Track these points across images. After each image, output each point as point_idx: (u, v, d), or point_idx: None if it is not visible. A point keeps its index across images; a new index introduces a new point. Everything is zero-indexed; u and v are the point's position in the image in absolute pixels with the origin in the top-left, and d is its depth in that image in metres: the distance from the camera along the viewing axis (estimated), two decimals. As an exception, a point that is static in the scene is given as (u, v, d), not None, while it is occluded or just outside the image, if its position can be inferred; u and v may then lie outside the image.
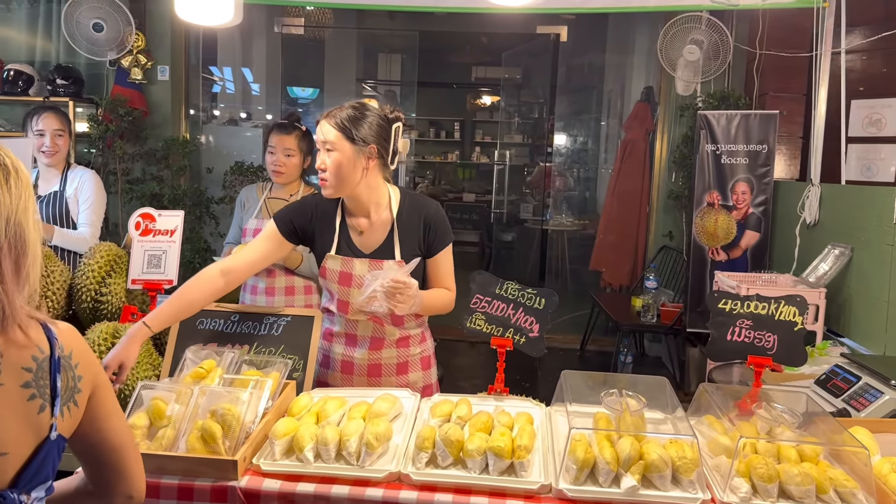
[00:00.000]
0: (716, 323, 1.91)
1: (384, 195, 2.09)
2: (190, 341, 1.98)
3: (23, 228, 1.05)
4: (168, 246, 2.19)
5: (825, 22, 3.64)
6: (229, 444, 1.59)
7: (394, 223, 2.07)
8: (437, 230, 2.07)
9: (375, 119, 1.99)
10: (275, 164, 3.00)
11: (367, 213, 2.08)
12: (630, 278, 5.71)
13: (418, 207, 2.10)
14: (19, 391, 1.04)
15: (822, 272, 3.27)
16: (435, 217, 2.08)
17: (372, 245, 2.07)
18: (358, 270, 2.03)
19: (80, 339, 1.16)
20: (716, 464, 1.64)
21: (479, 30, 7.76)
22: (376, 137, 1.99)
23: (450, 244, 2.11)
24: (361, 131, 1.96)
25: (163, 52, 5.23)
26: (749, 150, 4.30)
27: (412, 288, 1.84)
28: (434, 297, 2.06)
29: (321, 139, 1.97)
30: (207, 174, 5.73)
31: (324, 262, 2.07)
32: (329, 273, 2.06)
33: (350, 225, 2.09)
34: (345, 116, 1.96)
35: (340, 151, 1.95)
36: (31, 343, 1.06)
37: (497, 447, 1.57)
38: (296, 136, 2.98)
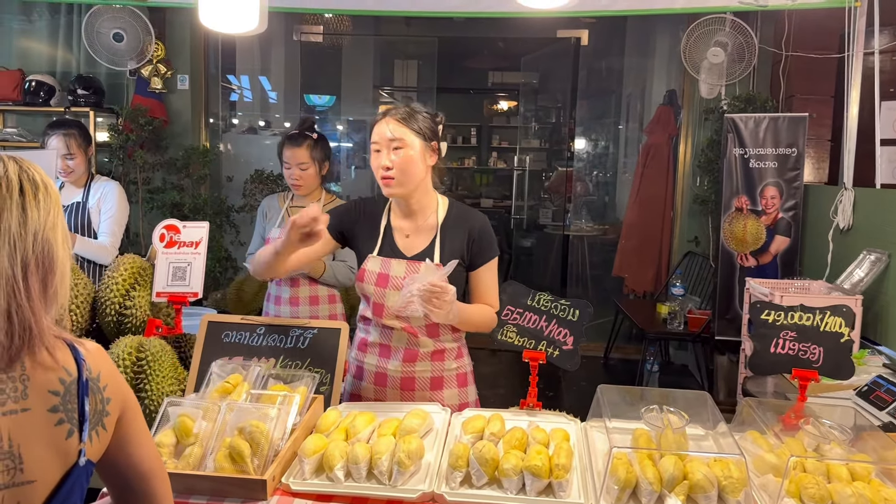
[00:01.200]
0: (758, 335, 1.84)
1: (433, 200, 2.09)
2: (215, 355, 1.94)
3: (51, 245, 1.02)
4: (193, 258, 2.16)
5: (856, 22, 3.56)
6: (258, 463, 1.54)
7: (438, 229, 2.04)
8: (481, 243, 2.04)
9: (429, 117, 2.03)
10: (291, 179, 2.98)
11: (414, 217, 2.07)
12: (654, 284, 5.63)
13: (465, 218, 2.07)
14: (46, 416, 1.00)
15: (858, 279, 3.18)
16: (481, 230, 2.06)
17: (414, 249, 2.05)
18: (395, 271, 2.01)
19: (108, 360, 1.12)
20: (762, 483, 1.57)
21: (497, 35, 7.72)
22: (434, 134, 2.02)
23: (494, 259, 2.07)
24: (424, 126, 1.99)
25: (182, 62, 5.24)
26: (778, 153, 4.22)
27: (449, 293, 1.79)
28: (474, 312, 2.01)
29: (387, 137, 1.95)
30: (227, 183, 5.72)
31: (364, 265, 2.05)
32: (367, 275, 2.03)
33: (395, 227, 2.08)
34: (408, 112, 1.98)
35: (410, 146, 1.96)
36: (57, 365, 1.02)
37: (534, 466, 1.51)
38: (307, 146, 2.93)
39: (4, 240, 0.97)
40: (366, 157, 8.26)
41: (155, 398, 1.93)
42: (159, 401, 1.91)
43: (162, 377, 1.95)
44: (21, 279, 0.97)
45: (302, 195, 3.05)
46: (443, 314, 1.81)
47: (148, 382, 1.93)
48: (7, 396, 0.97)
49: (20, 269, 0.97)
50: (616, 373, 5.47)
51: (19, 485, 0.97)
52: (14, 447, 0.97)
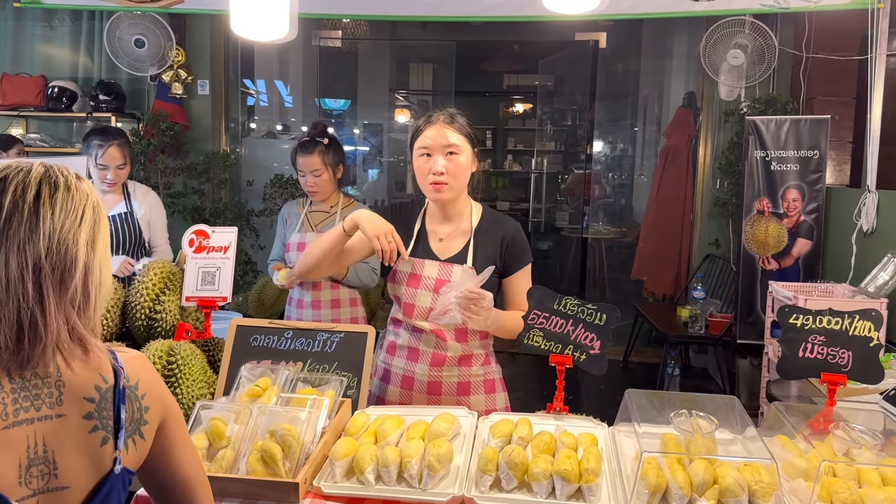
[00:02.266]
0: (787, 339, 1.83)
1: (468, 205, 2.12)
2: (244, 359, 1.96)
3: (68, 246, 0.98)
4: (222, 262, 2.18)
5: (879, 23, 3.53)
6: (289, 466, 1.56)
7: (472, 234, 2.07)
8: (514, 249, 2.06)
9: (471, 125, 2.06)
10: (307, 186, 3.00)
11: (450, 221, 2.10)
12: (674, 288, 5.60)
13: (498, 224, 2.09)
14: (81, 422, 1.01)
15: (883, 282, 3.16)
16: (514, 236, 2.08)
17: (448, 252, 2.07)
18: (427, 272, 2.03)
19: (149, 368, 1.13)
20: (793, 487, 1.56)
21: (514, 38, 7.73)
22: (478, 142, 2.07)
23: (528, 265, 2.09)
24: (473, 134, 2.04)
25: (203, 67, 5.29)
26: (800, 156, 4.19)
27: (486, 299, 1.81)
28: (510, 319, 2.02)
29: (443, 143, 1.97)
30: (247, 187, 5.76)
31: (395, 265, 2.07)
32: (399, 276, 2.06)
33: (430, 230, 2.11)
34: (462, 120, 2.03)
35: (463, 153, 2.00)
36: (94, 372, 1.03)
37: (564, 470, 1.51)
38: (319, 152, 2.94)
39: (13, 245, 0.94)
40: (381, 161, 8.34)
41: (185, 401, 1.95)
42: (190, 404, 1.93)
43: (192, 381, 1.97)
44: (32, 284, 0.95)
45: (319, 200, 3.07)
46: (481, 320, 1.83)
47: (179, 386, 1.95)
48: (42, 402, 0.98)
49: (30, 274, 0.95)
50: (636, 376, 5.45)
51: (53, 490, 0.98)
52: (49, 453, 0.98)
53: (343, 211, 3.08)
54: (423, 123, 2.03)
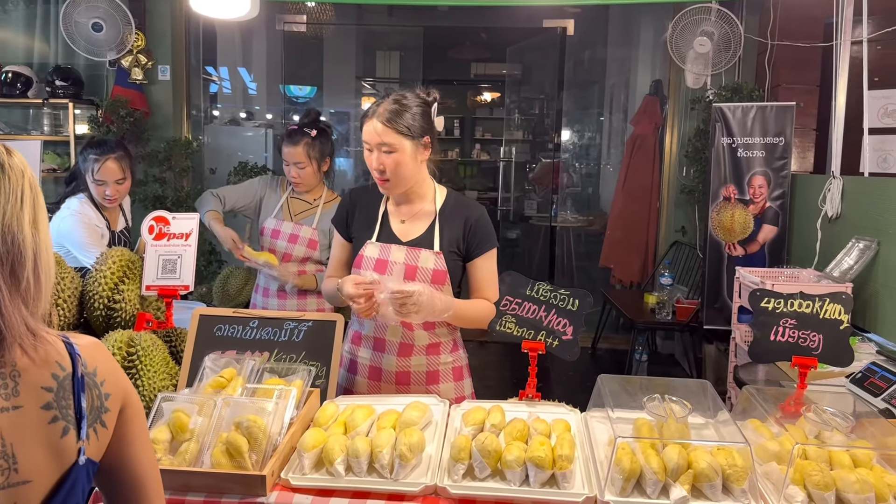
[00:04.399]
0: (758, 323, 1.83)
1: (430, 188, 2.08)
2: (208, 349, 1.90)
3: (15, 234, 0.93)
4: (183, 250, 2.11)
5: (844, 11, 3.56)
6: (256, 458, 1.51)
7: (437, 216, 2.03)
8: (477, 233, 2.03)
9: (419, 108, 1.96)
10: (290, 176, 2.92)
11: (411, 204, 2.06)
12: (641, 275, 5.64)
13: (462, 208, 2.06)
14: (39, 413, 0.95)
15: (847, 266, 3.20)
16: (478, 220, 2.04)
17: (411, 234, 2.03)
18: (394, 257, 1.99)
19: (105, 355, 1.07)
20: (766, 471, 1.56)
21: (481, 25, 7.68)
22: (426, 127, 1.97)
23: (492, 250, 2.05)
24: (415, 125, 1.93)
25: (163, 52, 5.15)
26: (766, 142, 4.23)
27: (414, 295, 1.76)
28: (470, 307, 1.99)
29: (377, 141, 1.91)
30: (210, 175, 5.64)
31: (361, 251, 2.03)
32: (365, 261, 2.02)
33: (391, 212, 2.07)
34: (395, 113, 1.90)
35: (400, 150, 1.92)
36: (50, 360, 0.97)
37: (538, 457, 1.49)
38: (304, 144, 2.86)
39: None
40: (348, 150, 8.25)
41: (147, 394, 1.88)
42: (151, 396, 1.87)
43: (154, 372, 1.91)
44: None
45: (302, 192, 3.00)
46: (420, 317, 1.80)
47: (140, 378, 1.88)
48: None
49: None
50: (604, 363, 5.48)
51: (14, 485, 0.93)
52: (7, 447, 0.93)
53: (325, 206, 2.99)
54: (364, 115, 1.96)
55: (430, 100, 2.01)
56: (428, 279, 1.96)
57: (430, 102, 2.00)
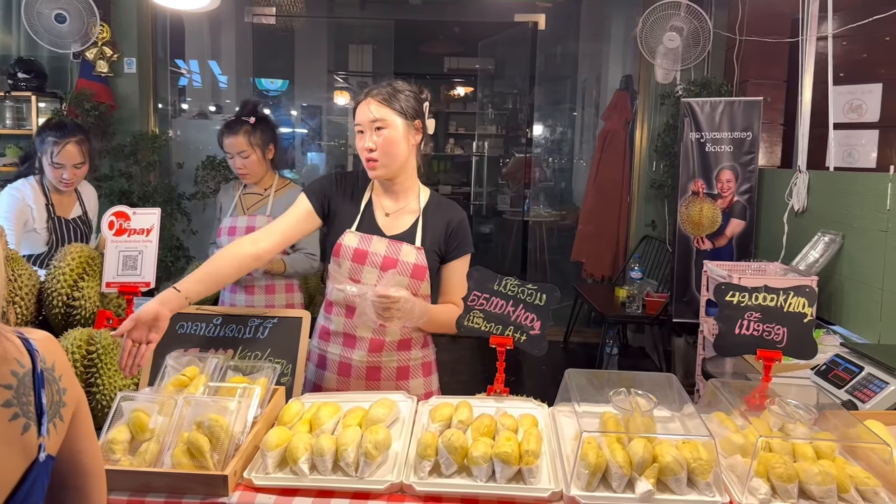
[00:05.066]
0: (723, 316, 1.84)
1: (415, 185, 2.07)
2: (170, 347, 1.86)
3: None
4: (144, 246, 2.06)
5: (810, 6, 3.60)
6: (218, 458, 1.48)
7: (421, 213, 2.03)
8: (458, 237, 2.03)
9: (412, 95, 1.98)
10: (236, 168, 2.89)
11: (396, 198, 2.05)
12: (612, 269, 5.67)
13: (446, 209, 2.06)
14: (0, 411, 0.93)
15: (813, 260, 3.24)
16: (460, 223, 2.05)
17: (395, 229, 2.02)
18: (375, 248, 1.97)
19: (60, 350, 1.05)
20: (731, 463, 1.57)
21: (454, 19, 7.65)
22: (418, 111, 1.98)
23: (467, 255, 2.06)
24: (406, 105, 1.95)
25: (129, 44, 5.06)
26: (733, 137, 4.27)
27: (400, 301, 1.76)
28: (443, 314, 1.99)
29: (369, 118, 1.92)
30: (178, 169, 5.56)
31: (340, 239, 1.99)
32: (343, 250, 1.98)
33: (376, 204, 2.05)
34: (389, 91, 1.94)
35: (392, 127, 1.92)
36: (8, 357, 0.95)
37: (504, 453, 1.48)
38: (244, 132, 2.83)
39: None
40: (321, 144, 8.19)
41: (107, 393, 1.84)
42: (112, 395, 1.83)
43: (114, 371, 1.87)
44: None
45: (251, 183, 2.96)
46: (399, 323, 1.81)
47: (99, 377, 1.84)
48: None
49: None
50: (576, 357, 5.51)
51: None
52: None
53: (277, 193, 2.97)
54: (357, 99, 1.98)
55: (422, 95, 2.03)
56: (408, 273, 1.95)
57: (422, 97, 2.03)
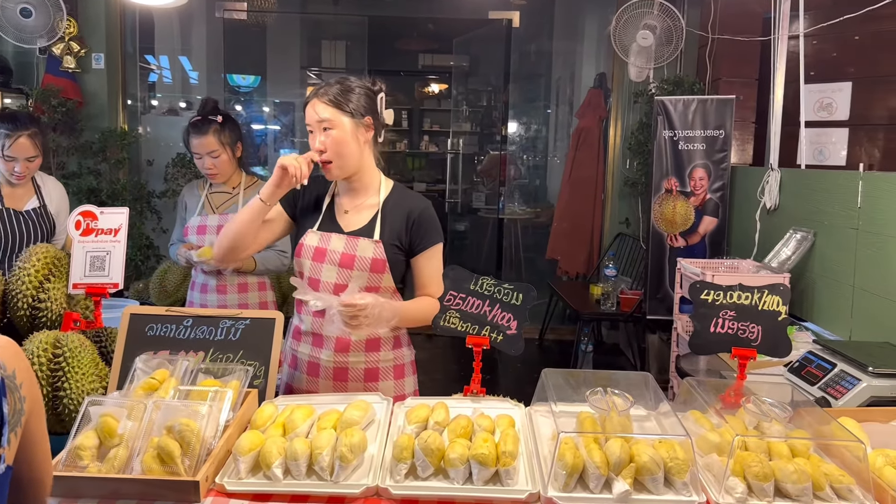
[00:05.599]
0: (699, 315, 1.84)
1: (375, 178, 2.05)
2: (139, 350, 1.82)
3: None
4: (112, 246, 2.01)
5: (782, 5, 3.64)
6: (189, 463, 1.45)
7: (380, 208, 2.00)
8: (420, 228, 1.99)
9: (363, 90, 1.96)
10: (205, 169, 2.84)
11: (356, 195, 2.03)
12: (586, 266, 5.69)
13: (407, 201, 2.03)
14: None
15: (785, 257, 3.27)
16: (421, 214, 2.00)
17: (354, 225, 2.00)
18: (333, 246, 1.96)
19: (21, 356, 1.00)
20: (707, 462, 1.57)
21: (428, 15, 7.63)
22: (368, 109, 1.96)
23: (436, 246, 2.02)
24: (354, 103, 1.93)
25: (97, 40, 4.96)
26: (706, 135, 4.30)
27: (367, 308, 1.73)
28: (416, 309, 1.97)
29: (315, 119, 1.91)
30: (148, 167, 5.47)
31: (302, 239, 2.00)
32: (305, 250, 1.99)
33: (337, 203, 2.05)
34: (335, 91, 1.92)
35: (339, 127, 1.91)
36: None
37: (481, 454, 1.47)
38: (214, 132, 2.77)
39: None
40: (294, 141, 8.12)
41: (75, 397, 1.79)
42: (79, 399, 1.79)
43: (82, 374, 1.82)
44: None
45: (220, 182, 2.92)
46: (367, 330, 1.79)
47: (67, 381, 1.79)
48: None
49: None
50: (551, 354, 5.52)
51: None
52: None
53: (246, 191, 2.93)
54: (306, 99, 1.97)
55: (375, 88, 2.01)
56: (366, 268, 1.94)
57: (375, 90, 2.00)
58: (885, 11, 3.57)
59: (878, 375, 2.08)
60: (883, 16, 3.71)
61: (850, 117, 4.19)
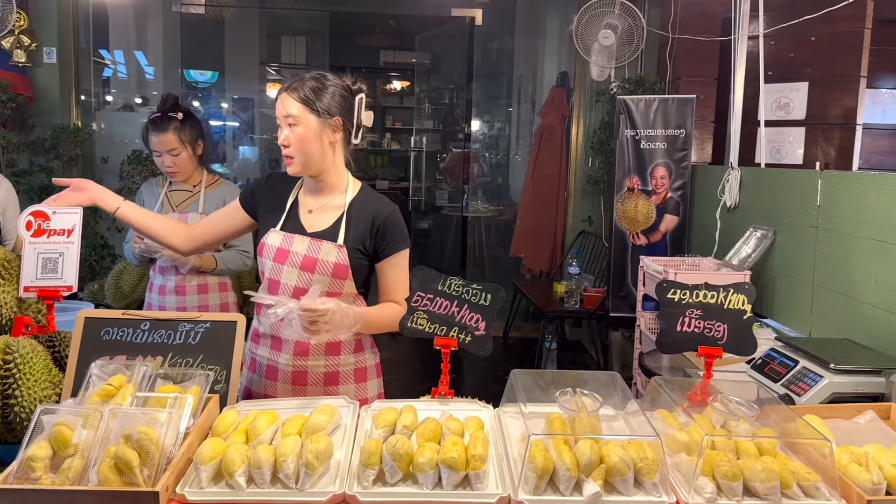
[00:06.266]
0: (665, 314, 1.85)
1: (343, 179, 2.01)
2: (95, 355, 1.75)
3: None
4: (65, 248, 1.94)
5: (741, 7, 3.68)
6: (148, 473, 1.40)
7: (345, 210, 1.96)
8: (386, 233, 1.96)
9: (338, 90, 1.92)
10: (164, 167, 2.77)
11: (321, 195, 2.00)
12: (550, 264, 5.71)
13: (373, 204, 1.99)
14: None
15: (745, 255, 3.31)
16: (387, 219, 1.97)
17: (317, 226, 1.96)
18: (296, 247, 1.92)
19: None
20: (676, 462, 1.57)
21: (389, 12, 7.58)
22: (340, 109, 1.92)
23: (402, 252, 1.99)
24: (324, 102, 1.89)
25: (49, 33, 4.81)
26: (667, 134, 4.34)
27: (327, 313, 1.69)
28: (380, 315, 1.95)
29: (283, 114, 1.88)
30: (102, 164, 5.33)
31: (264, 238, 1.96)
32: (266, 249, 1.95)
33: (301, 202, 2.00)
34: (307, 88, 1.88)
35: (304, 125, 1.87)
36: None
37: (451, 458, 1.44)
38: (174, 129, 2.71)
39: None
40: (253, 138, 8.00)
41: (27, 405, 1.72)
42: (32, 407, 1.71)
43: (34, 381, 1.74)
44: None
45: (180, 181, 2.85)
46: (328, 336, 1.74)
47: (18, 388, 1.72)
48: None
49: None
50: (515, 352, 5.53)
51: None
52: None
53: (207, 189, 2.87)
54: (279, 91, 1.94)
55: (353, 87, 1.97)
56: (328, 272, 1.90)
57: (353, 90, 1.96)
58: (841, 13, 3.65)
59: (840, 372, 2.11)
60: (838, 17, 3.79)
61: (806, 117, 4.28)
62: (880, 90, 4.80)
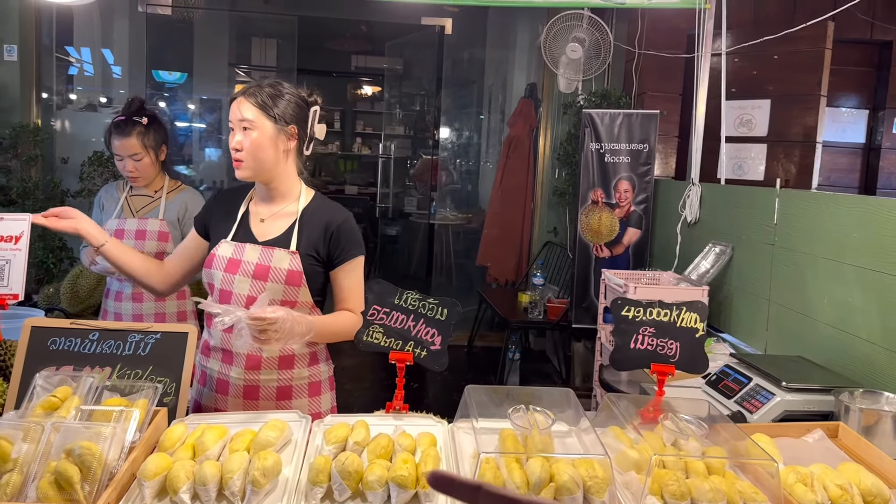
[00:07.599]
0: (619, 330, 1.86)
1: (295, 187, 1.99)
2: (40, 365, 1.71)
3: None
4: (12, 255, 1.89)
5: (705, 24, 3.74)
6: (89, 489, 1.36)
7: (298, 217, 1.94)
8: (340, 239, 1.94)
9: (294, 99, 1.92)
10: (126, 171, 2.72)
11: (273, 203, 1.98)
12: (515, 273, 5.73)
13: (326, 211, 1.97)
14: None
15: (704, 270, 3.35)
16: (341, 226, 1.95)
17: (269, 234, 1.94)
18: (248, 257, 1.89)
19: None
20: (625, 481, 1.58)
21: (360, 17, 7.55)
22: (295, 118, 1.91)
23: (356, 259, 1.97)
24: (281, 109, 1.88)
25: (9, 30, 4.71)
26: (631, 148, 4.38)
27: (277, 322, 1.65)
28: (334, 323, 1.91)
29: (238, 117, 1.86)
30: (62, 165, 5.22)
31: (214, 249, 1.93)
32: (217, 261, 1.91)
33: (252, 212, 1.99)
34: (265, 94, 1.87)
35: (260, 130, 1.85)
36: None
37: (400, 476, 1.43)
38: (138, 134, 2.67)
39: None
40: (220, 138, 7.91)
41: (-35, 417, 1.67)
42: (-29, 420, 1.66)
43: (-26, 392, 1.70)
44: None
45: (141, 186, 2.81)
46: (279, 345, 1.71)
47: (-43, 399, 1.67)
48: None
49: None
50: (479, 361, 5.53)
51: None
52: None
53: (169, 195, 2.82)
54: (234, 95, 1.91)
55: (309, 99, 1.96)
56: (282, 280, 1.87)
57: (308, 101, 1.96)
58: (802, 34, 3.72)
59: (791, 390, 2.14)
60: (799, 37, 3.86)
61: (768, 134, 4.35)
62: (840, 109, 4.91)
